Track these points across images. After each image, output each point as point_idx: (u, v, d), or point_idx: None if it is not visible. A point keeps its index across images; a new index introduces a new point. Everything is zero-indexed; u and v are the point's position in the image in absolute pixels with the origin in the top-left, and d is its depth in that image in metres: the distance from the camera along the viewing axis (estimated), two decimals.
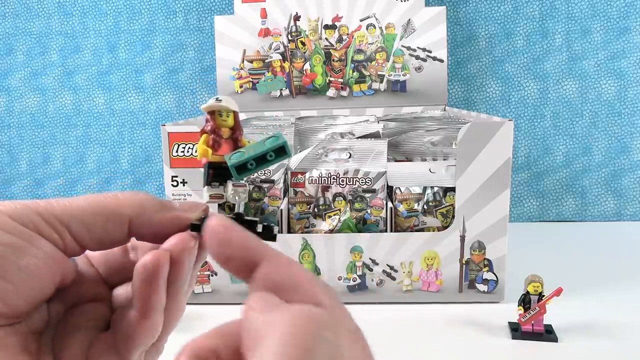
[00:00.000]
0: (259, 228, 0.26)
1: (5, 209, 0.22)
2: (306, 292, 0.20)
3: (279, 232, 0.62)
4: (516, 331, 0.53)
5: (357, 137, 0.69)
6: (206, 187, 0.26)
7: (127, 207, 0.24)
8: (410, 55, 0.84)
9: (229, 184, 0.25)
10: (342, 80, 0.86)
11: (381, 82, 0.86)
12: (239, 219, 0.25)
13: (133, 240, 0.25)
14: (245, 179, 0.25)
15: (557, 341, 0.51)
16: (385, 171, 0.62)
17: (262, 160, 0.24)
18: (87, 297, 0.25)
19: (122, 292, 0.26)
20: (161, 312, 0.24)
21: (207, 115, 0.26)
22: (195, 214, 0.25)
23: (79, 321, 0.24)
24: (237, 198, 0.25)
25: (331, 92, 0.86)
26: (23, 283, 0.21)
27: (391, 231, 0.62)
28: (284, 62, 0.86)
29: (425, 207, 0.61)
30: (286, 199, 0.63)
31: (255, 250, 0.21)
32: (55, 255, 0.23)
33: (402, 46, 0.84)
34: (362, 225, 0.62)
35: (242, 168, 0.24)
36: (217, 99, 0.25)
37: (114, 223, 0.24)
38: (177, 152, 0.59)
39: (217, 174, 0.25)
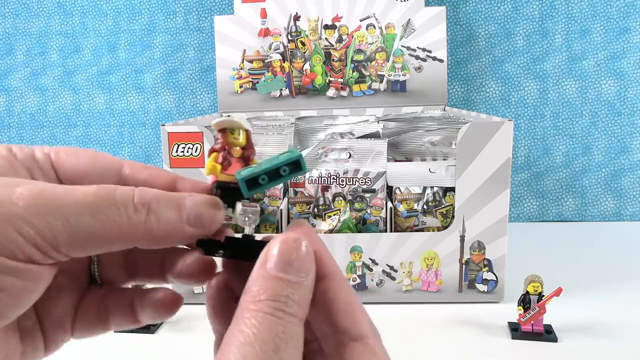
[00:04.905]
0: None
1: None
2: (356, 320, 0.21)
3: (278, 233, 0.62)
4: (516, 331, 0.53)
5: (357, 137, 0.69)
6: None
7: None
8: (410, 55, 0.84)
9: (238, 205, 0.23)
10: (342, 80, 0.86)
11: (381, 82, 0.86)
12: (247, 240, 0.23)
13: (127, 168, 0.24)
14: (257, 200, 0.24)
15: (556, 341, 0.51)
16: (385, 171, 0.62)
17: (275, 175, 0.22)
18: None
19: None
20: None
21: (218, 133, 0.24)
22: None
23: (61, 282, 0.23)
24: (246, 219, 0.23)
25: (331, 92, 0.86)
26: None
27: (391, 231, 0.62)
28: (284, 62, 0.86)
29: (425, 207, 0.61)
30: (286, 199, 0.63)
31: (325, 265, 0.21)
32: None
33: (402, 46, 0.84)
34: (362, 225, 0.62)
35: (253, 183, 0.22)
36: (228, 116, 0.24)
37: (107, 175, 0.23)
38: (177, 152, 0.59)
39: (225, 194, 0.23)
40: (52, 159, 0.23)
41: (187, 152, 0.59)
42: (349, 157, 0.63)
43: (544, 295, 0.51)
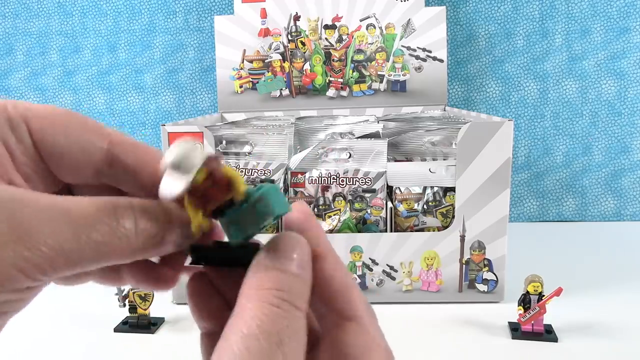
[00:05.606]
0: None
1: None
2: (350, 300, 0.21)
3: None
4: (516, 331, 0.53)
5: (357, 137, 0.69)
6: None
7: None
8: (410, 55, 0.84)
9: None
10: (342, 80, 0.86)
11: (381, 82, 0.86)
12: (235, 248, 0.21)
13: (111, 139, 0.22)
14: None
15: (557, 341, 0.52)
16: (385, 171, 0.62)
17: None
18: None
19: None
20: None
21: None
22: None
23: None
24: None
25: (331, 92, 0.86)
26: None
27: (391, 231, 0.62)
28: (284, 62, 0.86)
29: (425, 207, 0.61)
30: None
31: (321, 245, 0.21)
32: None
33: (402, 46, 0.84)
34: (362, 225, 0.62)
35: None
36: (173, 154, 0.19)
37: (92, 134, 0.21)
38: None
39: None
40: (33, 130, 0.21)
41: None
42: (349, 157, 0.63)
43: (544, 295, 0.51)
